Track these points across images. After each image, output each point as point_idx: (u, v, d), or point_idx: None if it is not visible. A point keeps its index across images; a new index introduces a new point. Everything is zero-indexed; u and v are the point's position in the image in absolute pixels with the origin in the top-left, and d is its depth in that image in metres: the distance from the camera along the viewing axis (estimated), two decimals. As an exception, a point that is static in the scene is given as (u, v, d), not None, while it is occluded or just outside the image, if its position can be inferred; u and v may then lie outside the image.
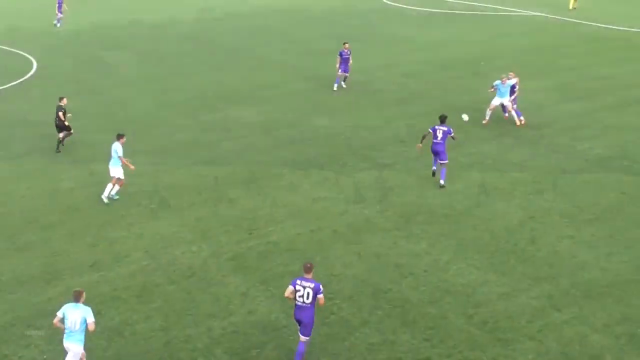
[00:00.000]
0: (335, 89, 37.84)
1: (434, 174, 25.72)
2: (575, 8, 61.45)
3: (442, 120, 25.81)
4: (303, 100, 35.95)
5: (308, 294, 15.78)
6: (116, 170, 24.65)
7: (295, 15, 59.53)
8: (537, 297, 18.78)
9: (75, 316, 15.06)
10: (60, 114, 29.54)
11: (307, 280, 15.89)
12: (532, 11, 58.67)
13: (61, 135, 29.90)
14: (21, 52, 47.53)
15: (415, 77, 40.02)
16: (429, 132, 25.48)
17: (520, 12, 58.76)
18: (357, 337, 17.35)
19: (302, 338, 16.11)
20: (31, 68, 43.63)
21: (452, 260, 20.65)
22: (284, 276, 19.81)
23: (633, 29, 52.20)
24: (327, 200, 24.63)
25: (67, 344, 15.29)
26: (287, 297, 16.12)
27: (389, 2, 64.64)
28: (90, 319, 15.08)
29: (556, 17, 56.62)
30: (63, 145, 29.93)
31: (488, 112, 31.65)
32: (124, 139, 24.74)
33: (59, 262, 20.96)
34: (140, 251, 21.46)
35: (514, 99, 31.61)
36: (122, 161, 24.47)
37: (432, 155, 25.68)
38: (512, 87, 31.45)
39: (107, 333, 17.54)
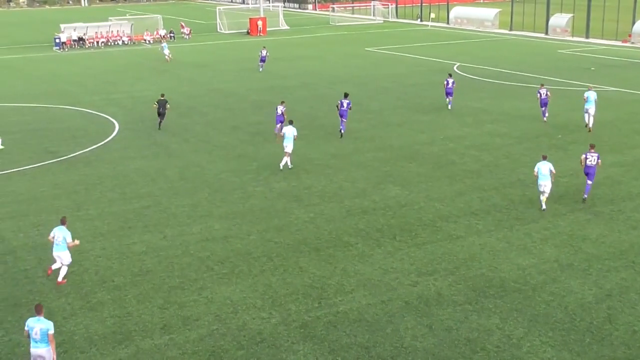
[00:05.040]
0: None
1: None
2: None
3: (345, 95, 40.93)
4: (374, 170, 35.99)
5: (594, 158, 29.54)
6: (289, 146, 35.62)
7: (366, 86, 60.04)
8: (614, 378, 18.20)
9: None
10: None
11: (591, 152, 29.59)
12: (612, 87, 58.04)
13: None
14: (104, 115, 49.38)
15: (488, 149, 39.76)
16: None
17: (596, 87, 58.22)
18: (427, 413, 16.99)
19: (588, 182, 29.85)
20: (113, 130, 45.19)
21: (525, 336, 20.17)
22: (352, 347, 19.64)
23: None
24: (398, 271, 24.43)
25: None
26: (581, 165, 29.96)
27: (462, 74, 64.78)
28: None
29: (627, 90, 55.88)
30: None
31: (586, 117, 43.09)
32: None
33: (129, 322, 21.20)
34: (210, 315, 21.57)
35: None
36: None
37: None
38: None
39: (175, 397, 17.58)
